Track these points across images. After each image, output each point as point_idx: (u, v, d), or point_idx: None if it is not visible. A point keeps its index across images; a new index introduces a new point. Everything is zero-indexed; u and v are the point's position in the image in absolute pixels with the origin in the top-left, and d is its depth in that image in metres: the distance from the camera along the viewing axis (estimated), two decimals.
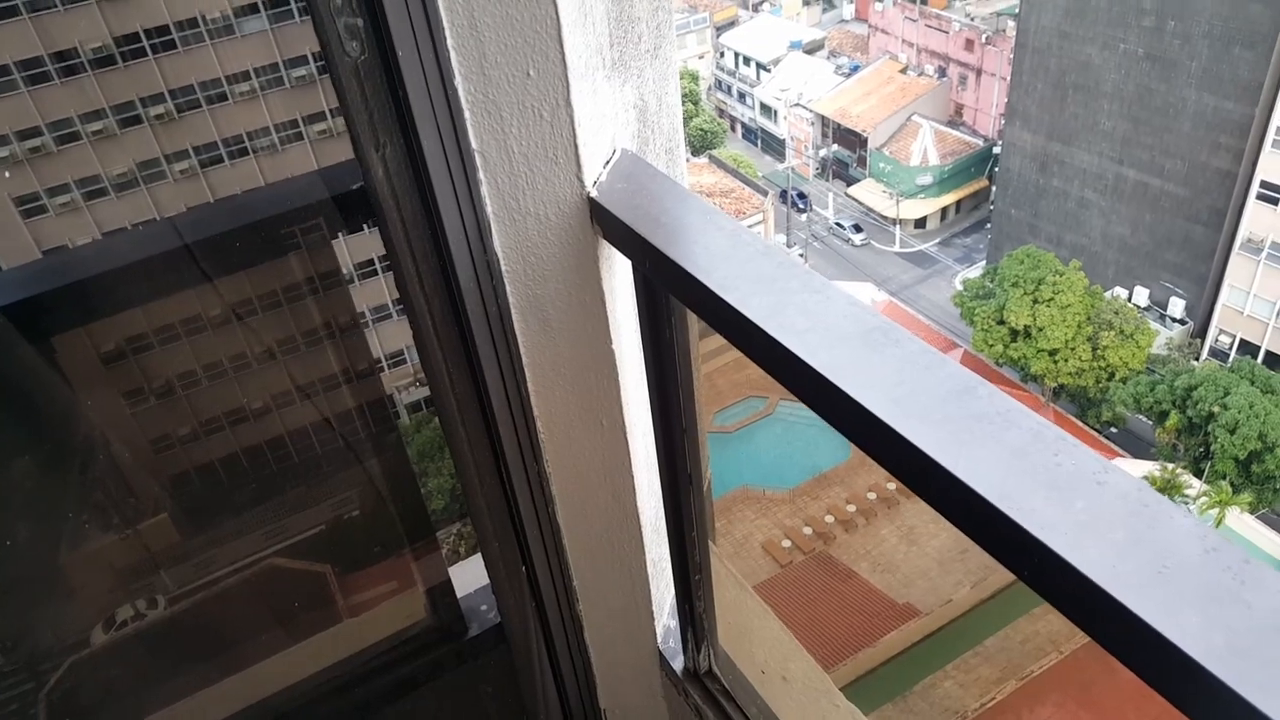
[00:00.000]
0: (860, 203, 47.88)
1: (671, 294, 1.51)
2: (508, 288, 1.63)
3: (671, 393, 1.65)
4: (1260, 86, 32.19)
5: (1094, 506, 0.86)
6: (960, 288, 38.09)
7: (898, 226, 46.06)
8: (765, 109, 53.10)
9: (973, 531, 0.92)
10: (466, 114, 1.41)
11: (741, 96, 54.88)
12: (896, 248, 45.98)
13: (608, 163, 1.60)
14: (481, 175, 1.49)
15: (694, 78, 52.60)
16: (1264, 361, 33.29)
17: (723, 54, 55.57)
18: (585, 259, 1.62)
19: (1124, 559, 0.82)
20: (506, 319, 1.66)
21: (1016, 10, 41.27)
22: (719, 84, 56.40)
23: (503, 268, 1.60)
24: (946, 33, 48.44)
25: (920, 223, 46.49)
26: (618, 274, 1.67)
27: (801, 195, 48.48)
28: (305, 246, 1.80)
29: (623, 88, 1.60)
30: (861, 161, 48.42)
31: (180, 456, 2.29)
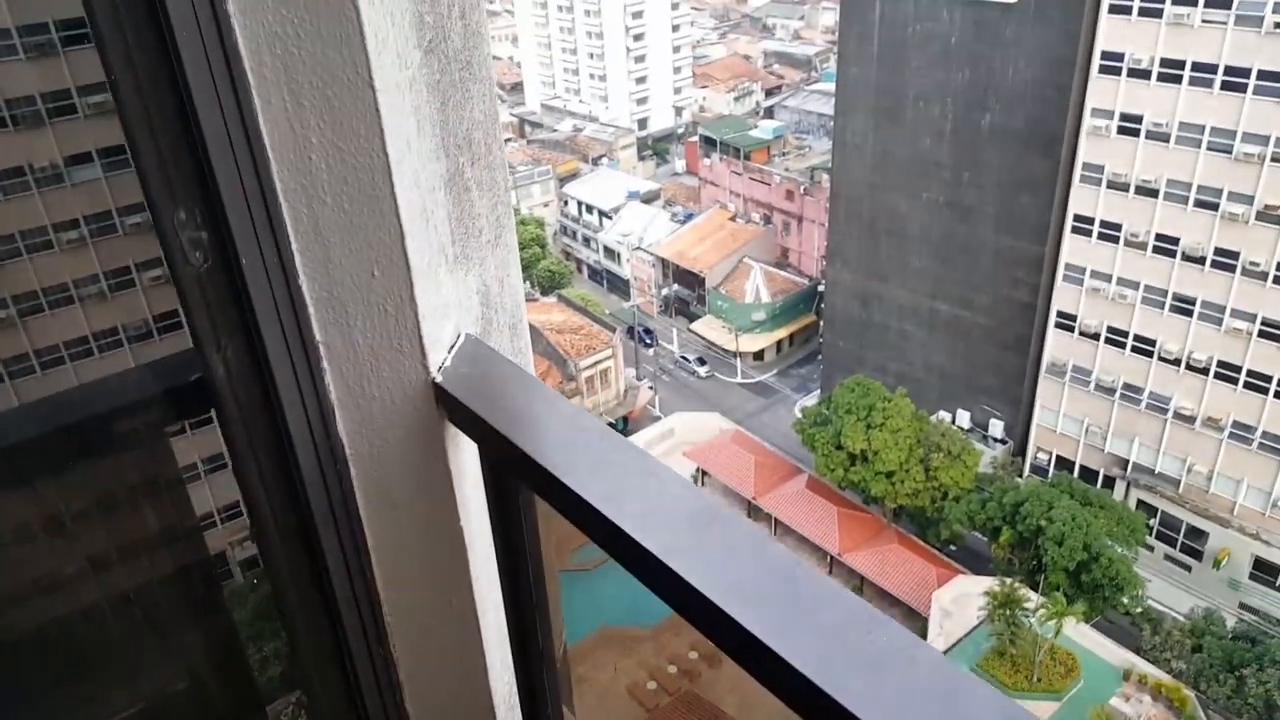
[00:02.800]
0: (702, 337, 49.93)
1: (516, 476, 1.56)
2: (352, 470, 1.63)
3: (521, 570, 1.67)
4: (1047, 227, 36.09)
5: (906, 683, 0.95)
6: (799, 415, 39.74)
7: (738, 359, 48.09)
8: (609, 252, 55.40)
9: (804, 712, 0.98)
10: (311, 310, 1.45)
11: (586, 241, 57.18)
12: (739, 379, 47.84)
13: (452, 348, 1.66)
14: (326, 365, 1.52)
15: (540, 224, 54.50)
16: (1079, 476, 35.96)
17: (566, 203, 58.15)
18: (432, 441, 1.65)
19: None
20: (351, 502, 1.65)
21: (829, 165, 45.11)
22: (564, 229, 58.70)
23: (347, 451, 1.61)
24: (769, 185, 52.50)
25: (759, 355, 48.78)
26: (465, 454, 1.71)
27: (648, 331, 50.17)
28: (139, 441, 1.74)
29: (466, 277, 1.68)
30: (701, 299, 50.87)
31: None
